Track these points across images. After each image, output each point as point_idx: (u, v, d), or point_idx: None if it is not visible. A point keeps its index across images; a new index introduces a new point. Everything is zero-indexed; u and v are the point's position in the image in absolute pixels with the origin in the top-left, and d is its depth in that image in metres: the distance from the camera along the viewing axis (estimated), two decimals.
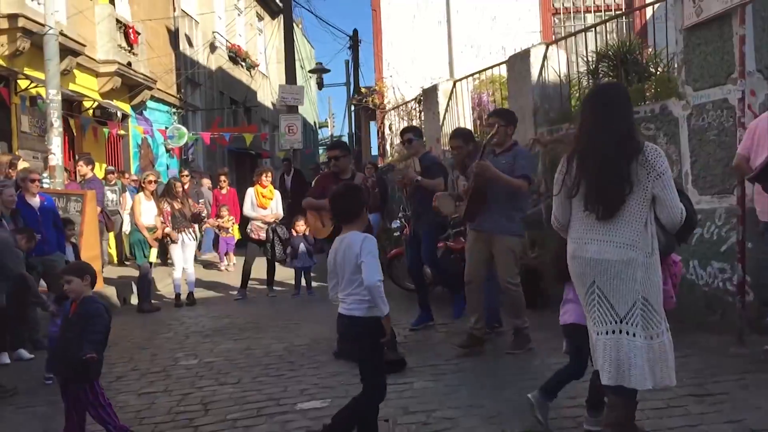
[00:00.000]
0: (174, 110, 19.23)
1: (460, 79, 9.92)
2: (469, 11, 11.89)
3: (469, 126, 9.84)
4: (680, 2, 6.04)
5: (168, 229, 9.49)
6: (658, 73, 7.54)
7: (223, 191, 14.07)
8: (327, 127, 42.84)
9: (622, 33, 10.42)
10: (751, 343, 5.32)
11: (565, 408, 4.27)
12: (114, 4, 15.55)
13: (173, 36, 19.51)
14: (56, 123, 9.55)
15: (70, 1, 13.54)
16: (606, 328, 3.32)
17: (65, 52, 12.83)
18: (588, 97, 3.71)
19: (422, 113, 10.59)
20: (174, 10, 19.58)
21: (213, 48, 22.58)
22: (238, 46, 24.81)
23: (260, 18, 28.65)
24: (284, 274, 11.07)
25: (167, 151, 18.31)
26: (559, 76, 7.92)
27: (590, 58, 7.73)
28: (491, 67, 9.51)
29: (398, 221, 9.11)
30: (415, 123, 11.51)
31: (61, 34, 12.55)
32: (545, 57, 7.90)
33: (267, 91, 28.15)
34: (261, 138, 18.05)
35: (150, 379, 5.97)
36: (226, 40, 23.83)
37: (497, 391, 4.89)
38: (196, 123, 20.75)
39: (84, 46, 13.49)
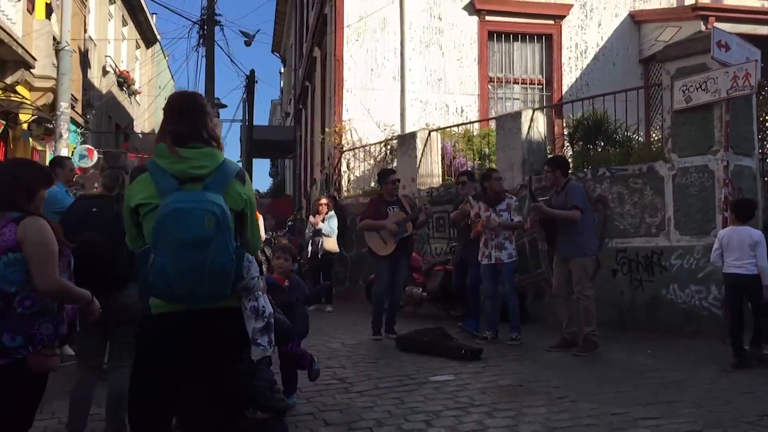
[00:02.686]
0: (79, 131, 19.06)
1: (435, 130, 11.55)
2: (420, 71, 13.61)
3: (438, 169, 11.50)
4: (669, 91, 8.08)
5: None
6: (617, 138, 9.59)
7: None
8: None
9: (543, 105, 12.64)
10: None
11: None
12: (50, 20, 15.55)
13: (83, 57, 19.45)
14: (65, 135, 9.92)
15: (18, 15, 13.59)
16: None
17: (20, 64, 12.91)
18: None
19: (396, 154, 12.02)
20: (85, 32, 19.59)
21: (105, 72, 22.55)
22: (127, 72, 24.87)
23: (137, 46, 28.69)
24: None
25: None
26: (543, 136, 9.77)
27: (572, 124, 9.72)
28: (469, 123, 11.31)
29: None
30: (372, 163, 12.94)
31: (20, 46, 12.75)
32: (532, 119, 9.72)
33: (141, 118, 28.12)
34: None
35: None
36: (116, 66, 23.85)
37: (587, 369, 6.26)
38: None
39: (36, 60, 13.54)
